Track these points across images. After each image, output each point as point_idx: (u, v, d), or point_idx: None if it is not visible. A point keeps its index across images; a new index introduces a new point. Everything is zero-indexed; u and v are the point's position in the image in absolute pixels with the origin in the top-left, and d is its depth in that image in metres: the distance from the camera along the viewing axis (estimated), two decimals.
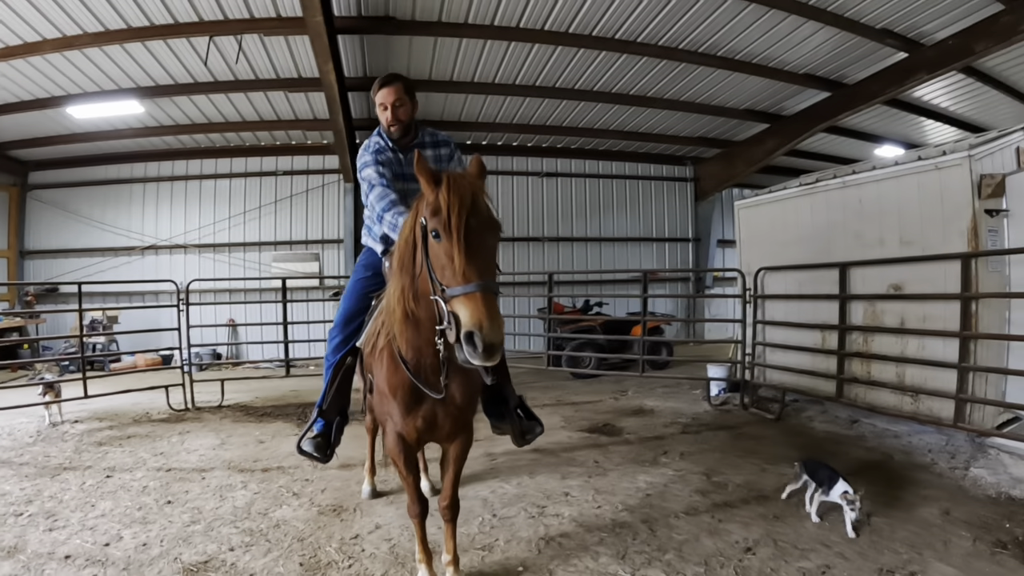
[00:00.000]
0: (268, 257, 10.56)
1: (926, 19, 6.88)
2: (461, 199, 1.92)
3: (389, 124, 2.85)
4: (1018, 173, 4.67)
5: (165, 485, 4.04)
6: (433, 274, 1.95)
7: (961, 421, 4.59)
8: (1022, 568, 2.84)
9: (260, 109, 8.80)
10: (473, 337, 1.79)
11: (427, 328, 2.19)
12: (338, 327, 2.94)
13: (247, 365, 9.64)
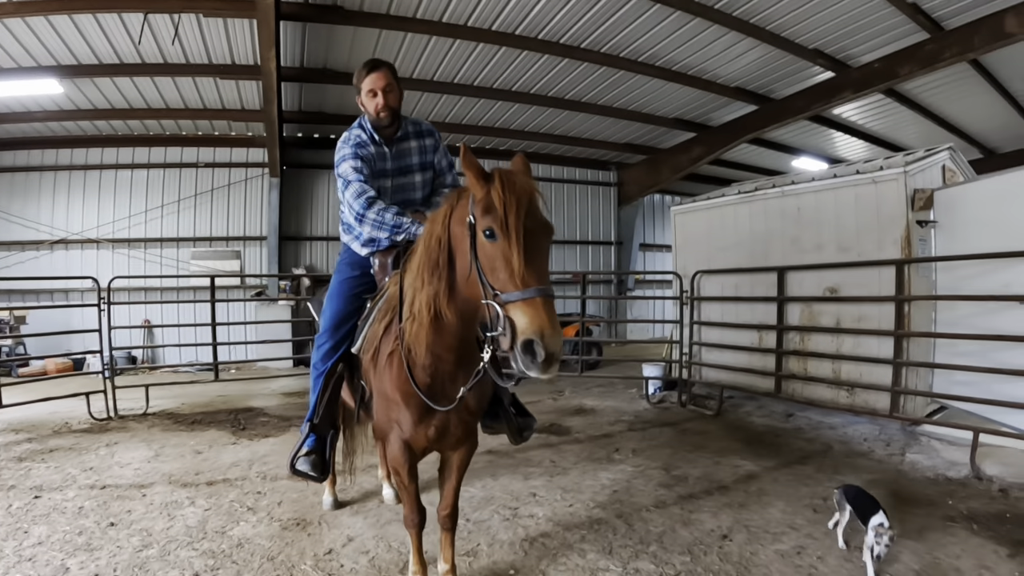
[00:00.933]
0: (187, 254, 9.89)
1: (856, 43, 7.50)
2: (518, 198, 1.84)
3: (379, 110, 2.70)
4: (945, 188, 5.23)
5: (103, 505, 3.67)
6: (484, 277, 1.85)
7: (896, 411, 5.06)
8: (972, 537, 3.18)
9: (187, 96, 8.27)
10: (533, 346, 1.70)
11: (451, 335, 2.13)
12: (327, 332, 2.72)
13: (165, 369, 8.99)
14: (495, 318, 1.79)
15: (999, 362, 4.22)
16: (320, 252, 10.50)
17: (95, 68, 7.24)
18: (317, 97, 8.47)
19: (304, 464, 2.69)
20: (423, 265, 2.11)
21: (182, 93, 8.16)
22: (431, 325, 2.12)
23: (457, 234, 1.99)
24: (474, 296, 1.95)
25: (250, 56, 6.90)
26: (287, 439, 5.20)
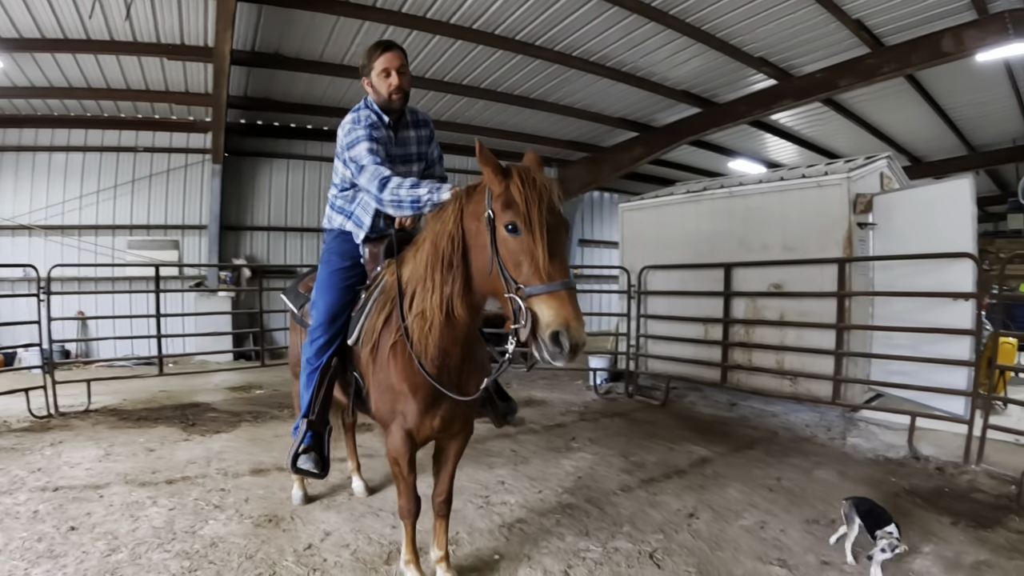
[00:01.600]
0: (123, 243, 9.33)
1: (800, 53, 7.91)
2: (540, 194, 1.91)
3: (392, 91, 2.61)
4: (883, 194, 5.72)
5: (59, 508, 3.46)
6: (506, 271, 1.89)
7: (838, 399, 5.49)
8: (917, 510, 3.56)
9: (130, 76, 7.78)
10: (560, 337, 1.77)
11: (460, 330, 2.19)
12: (322, 326, 2.66)
13: (100, 364, 8.50)
14: (517, 311, 1.84)
15: (932, 353, 4.69)
16: (261, 242, 10.18)
17: (37, 43, 6.68)
18: (264, 83, 8.19)
19: (306, 462, 2.66)
20: (433, 264, 2.13)
21: (125, 73, 7.67)
22: (444, 324, 2.16)
23: (472, 229, 2.04)
24: (491, 291, 2.02)
25: (201, 37, 6.59)
26: (240, 435, 5.10)
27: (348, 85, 8.48)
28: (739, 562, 2.95)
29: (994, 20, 6.32)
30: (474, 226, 2.02)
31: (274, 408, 6.17)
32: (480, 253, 2.01)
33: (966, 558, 2.91)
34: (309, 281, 3.28)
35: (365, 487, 3.79)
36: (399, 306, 2.32)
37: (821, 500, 3.72)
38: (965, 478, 4.05)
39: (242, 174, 9.76)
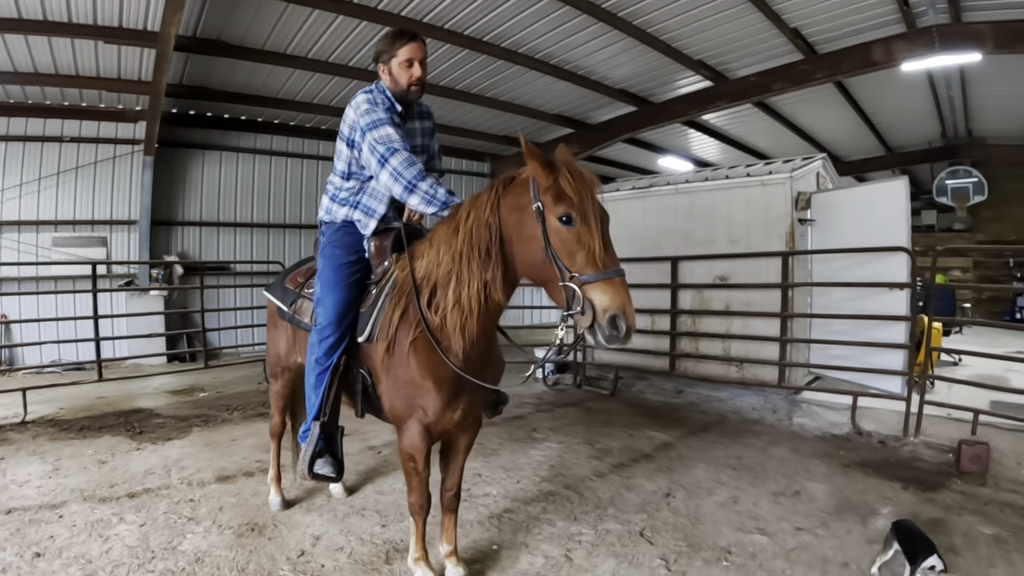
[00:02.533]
0: (47, 240, 8.57)
1: (737, 57, 8.37)
2: (589, 187, 2.03)
3: (412, 83, 2.59)
4: (822, 192, 6.24)
5: (17, 532, 3.20)
6: (559, 260, 1.99)
7: (783, 382, 5.94)
8: (868, 478, 3.98)
9: (60, 60, 7.12)
10: (617, 320, 1.90)
11: (491, 319, 2.29)
12: (332, 325, 2.58)
13: (26, 371, 7.79)
14: (571, 298, 1.95)
15: (869, 338, 5.20)
16: (192, 238, 9.66)
17: None
18: (202, 71, 7.77)
19: (323, 466, 2.61)
20: (468, 255, 2.19)
21: (56, 56, 6.99)
22: (480, 313, 2.23)
23: (512, 221, 2.12)
24: (537, 279, 2.11)
25: (142, 20, 6.16)
26: (194, 441, 4.92)
27: (288, 75, 8.23)
28: (722, 534, 3.20)
29: (922, 34, 6.97)
30: (515, 217, 2.12)
31: (222, 411, 5.96)
32: (525, 243, 2.10)
33: (922, 516, 3.29)
34: (298, 276, 3.23)
35: (344, 488, 3.75)
36: (416, 301, 2.35)
37: (782, 475, 4.07)
38: (907, 449, 4.53)
39: (173, 166, 9.24)
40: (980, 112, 10.90)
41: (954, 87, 9.49)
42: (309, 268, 3.20)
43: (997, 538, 3.07)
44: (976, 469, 3.89)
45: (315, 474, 2.60)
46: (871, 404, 5.26)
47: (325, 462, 2.60)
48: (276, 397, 3.56)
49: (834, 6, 6.71)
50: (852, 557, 2.90)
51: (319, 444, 2.61)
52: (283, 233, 10.61)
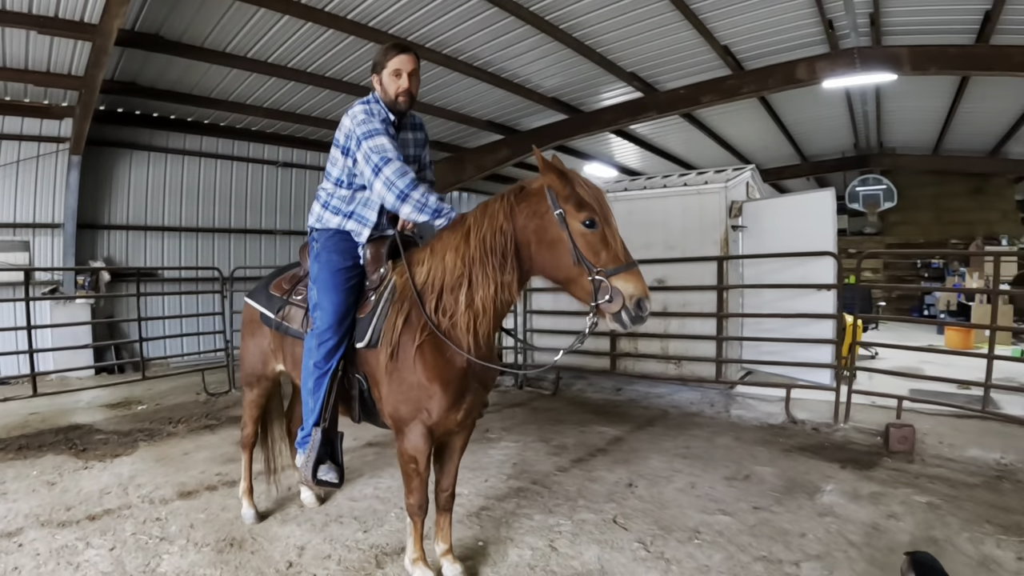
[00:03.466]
0: None
1: (669, 70, 8.85)
2: (599, 193, 2.33)
3: (399, 93, 2.70)
4: (753, 201, 6.82)
5: None
6: (585, 259, 2.25)
7: (720, 378, 6.44)
8: (809, 460, 4.45)
9: None
10: (642, 302, 2.22)
11: (502, 316, 2.49)
12: (331, 328, 2.64)
13: None
14: (600, 289, 2.22)
15: (799, 335, 5.77)
16: (119, 243, 9.07)
17: None
18: (135, 66, 7.34)
19: (327, 472, 2.66)
20: (480, 259, 2.37)
21: None
22: (493, 313, 2.42)
23: (531, 227, 2.36)
24: (559, 277, 2.35)
25: (79, 10, 5.75)
26: (144, 456, 4.75)
27: (225, 74, 7.96)
28: (688, 516, 3.53)
29: (844, 55, 7.68)
30: (534, 223, 2.35)
31: (165, 424, 5.76)
32: (549, 247, 2.34)
33: (862, 491, 3.79)
34: (283, 282, 3.25)
35: (316, 496, 3.76)
36: (421, 306, 2.48)
37: (730, 461, 4.49)
38: (839, 435, 5.08)
39: (99, 166, 8.66)
40: (891, 125, 12.02)
41: (869, 102, 10.45)
42: (293, 275, 3.23)
43: (931, 505, 3.58)
44: (903, 449, 4.46)
45: (319, 480, 2.64)
46: (802, 395, 5.82)
47: (329, 468, 2.65)
48: (251, 407, 3.53)
49: (764, 25, 7.28)
50: (807, 528, 3.32)
51: (321, 450, 2.65)
52: (212, 238, 10.18)
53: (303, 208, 11.46)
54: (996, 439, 4.73)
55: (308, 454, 2.67)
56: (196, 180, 9.88)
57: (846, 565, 2.92)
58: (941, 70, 7.64)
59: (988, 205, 15.00)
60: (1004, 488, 3.82)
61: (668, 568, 2.92)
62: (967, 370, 5.77)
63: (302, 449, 2.73)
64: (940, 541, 3.12)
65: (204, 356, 8.38)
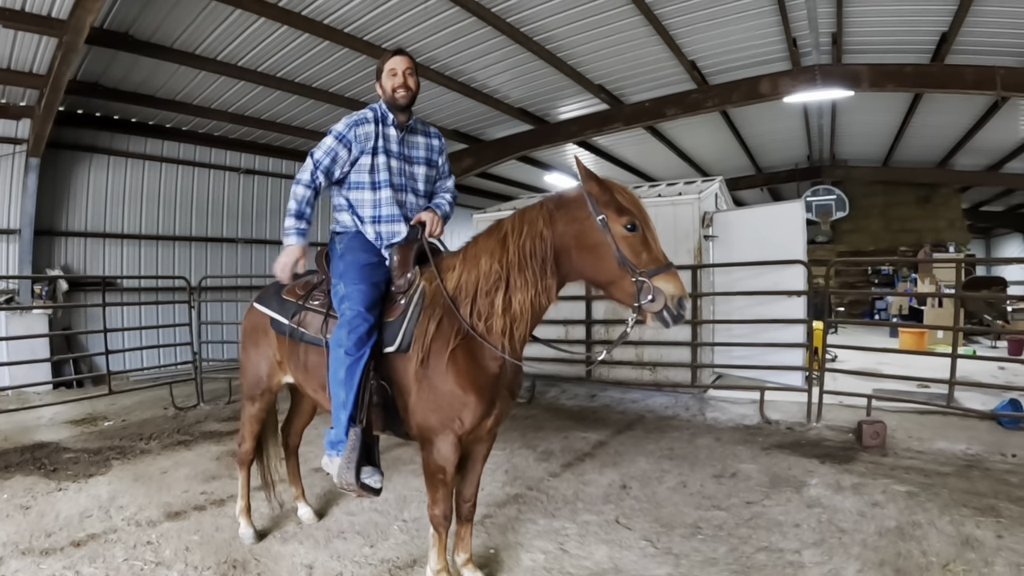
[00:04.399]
0: None
1: (636, 83, 9.15)
2: (636, 198, 2.45)
3: (395, 88, 2.87)
4: (723, 212, 7.16)
5: None
6: (628, 261, 2.34)
7: (695, 382, 6.69)
8: (788, 458, 4.71)
9: None
10: (683, 301, 2.33)
11: (536, 322, 2.56)
12: (361, 315, 2.59)
13: None
14: (641, 289, 2.31)
15: (767, 339, 6.07)
16: (76, 250, 8.67)
17: None
18: (100, 66, 7.08)
19: (371, 476, 2.56)
20: (519, 264, 2.45)
21: None
22: (531, 316, 2.50)
23: (571, 232, 2.45)
24: (601, 280, 2.45)
25: (47, 4, 5.55)
26: (120, 475, 4.55)
27: (193, 77, 7.80)
28: (685, 513, 3.70)
29: (806, 71, 8.15)
30: (574, 229, 2.45)
31: (137, 441, 5.56)
32: (591, 250, 2.42)
33: (844, 483, 4.06)
34: (296, 288, 3.17)
35: (313, 512, 3.71)
36: (456, 312, 2.53)
37: (715, 460, 4.72)
38: (812, 433, 5.38)
39: (57, 170, 8.29)
40: (845, 138, 12.73)
41: (825, 116, 11.08)
42: (307, 282, 3.18)
43: (910, 493, 3.87)
44: (876, 444, 4.79)
45: (363, 485, 2.53)
46: (773, 397, 6.10)
47: (372, 472, 2.56)
48: (251, 421, 3.44)
49: (731, 42, 7.66)
50: (800, 519, 3.55)
51: (361, 452, 2.54)
52: (173, 246, 9.86)
53: (266, 216, 11.28)
54: (959, 432, 5.13)
55: (347, 456, 2.54)
56: (157, 186, 9.57)
57: (842, 549, 3.15)
58: (898, 87, 8.17)
59: (935, 214, 16.02)
60: (974, 476, 4.17)
61: (678, 563, 3.08)
62: (922, 370, 6.17)
63: (335, 451, 2.61)
64: (924, 525, 3.40)
65: (167, 369, 8.10)
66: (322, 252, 3.17)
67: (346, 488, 2.52)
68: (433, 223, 2.89)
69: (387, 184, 2.89)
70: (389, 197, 2.88)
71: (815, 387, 5.67)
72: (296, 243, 2.79)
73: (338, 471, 2.54)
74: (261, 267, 11.17)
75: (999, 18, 6.53)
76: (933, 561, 2.99)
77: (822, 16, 6.93)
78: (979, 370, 6.85)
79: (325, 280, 3.05)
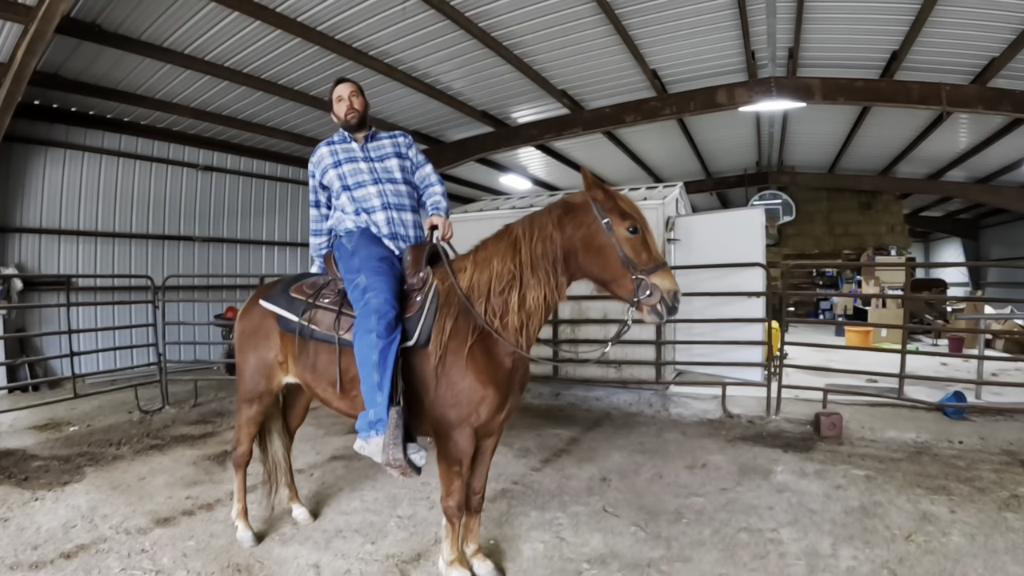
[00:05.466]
0: None
1: (596, 89, 9.38)
2: (634, 203, 2.69)
3: (345, 112, 3.29)
4: (684, 216, 7.55)
5: None
6: (630, 261, 2.57)
7: (659, 379, 7.03)
8: (752, 448, 5.06)
9: None
10: (677, 295, 2.57)
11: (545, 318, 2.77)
12: (388, 302, 2.72)
13: None
14: (640, 286, 2.55)
15: (730, 338, 6.46)
16: (31, 248, 8.28)
17: None
18: (61, 56, 6.77)
19: (417, 453, 2.61)
20: (530, 264, 2.67)
21: None
22: (542, 312, 2.71)
23: (579, 235, 2.67)
24: (605, 278, 2.67)
25: None
26: (97, 483, 4.45)
27: (157, 69, 7.57)
28: (665, 501, 3.99)
29: (762, 83, 8.55)
30: (582, 232, 2.67)
31: (106, 447, 5.42)
32: (597, 251, 2.64)
33: (807, 469, 4.46)
34: (304, 287, 3.25)
35: (309, 513, 3.77)
36: (472, 309, 2.71)
37: (684, 452, 5.04)
38: (772, 426, 5.79)
39: (11, 163, 7.90)
40: (794, 145, 13.33)
41: (776, 124, 11.60)
42: (314, 282, 3.28)
43: (868, 477, 4.29)
44: (833, 434, 5.23)
45: (410, 462, 2.58)
46: (733, 392, 6.51)
47: (417, 448, 2.62)
48: (248, 424, 3.45)
49: (692, 53, 7.99)
50: (772, 502, 3.91)
51: (404, 430, 2.61)
52: (129, 243, 9.54)
53: (224, 215, 11.06)
54: (908, 422, 5.64)
55: (392, 434, 2.58)
56: (114, 181, 9.23)
57: (814, 527, 3.51)
58: (848, 100, 8.63)
59: (877, 219, 17.04)
60: (924, 461, 4.63)
61: (669, 545, 3.35)
62: (869, 365, 6.71)
63: (372, 431, 2.65)
64: (884, 503, 3.81)
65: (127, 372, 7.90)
66: (328, 254, 3.30)
67: (393, 465, 2.57)
68: (444, 227, 3.08)
69: (361, 184, 3.24)
70: (369, 192, 3.22)
71: (774, 382, 6.09)
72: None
73: (383, 449, 2.58)
74: (219, 266, 10.94)
75: (947, 39, 7.04)
76: (896, 534, 3.38)
77: (781, 32, 7.32)
78: (923, 366, 7.41)
79: (333, 280, 3.17)
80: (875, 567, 3.02)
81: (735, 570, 3.06)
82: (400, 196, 3.27)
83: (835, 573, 2.99)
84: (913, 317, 11.81)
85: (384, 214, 3.18)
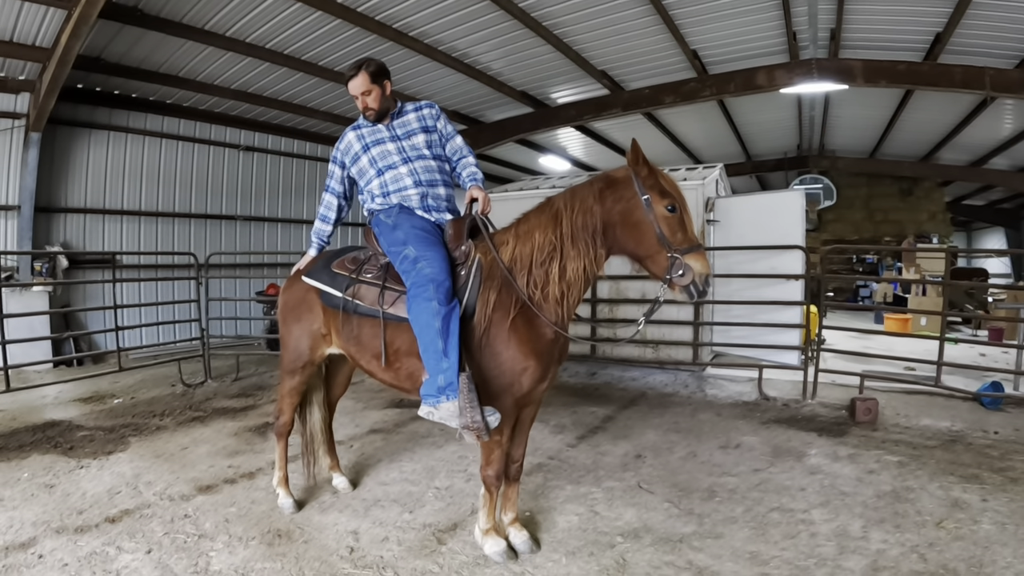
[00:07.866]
0: None
1: (636, 70, 9.35)
2: (675, 183, 2.71)
3: (364, 111, 3.29)
4: (724, 198, 7.44)
5: None
6: (666, 239, 2.61)
7: (696, 360, 7.02)
8: (786, 431, 5.07)
9: None
10: (708, 278, 2.64)
11: (585, 290, 2.83)
12: (444, 271, 2.79)
13: None
14: (674, 264, 2.60)
15: (764, 320, 6.42)
16: (76, 227, 8.64)
17: None
18: (103, 40, 7.00)
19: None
20: (571, 236, 2.71)
21: None
22: (582, 284, 2.77)
23: (617, 209, 2.71)
24: (640, 254, 2.72)
25: None
26: (141, 452, 4.63)
27: (198, 53, 7.79)
28: (699, 479, 4.03)
29: (803, 64, 8.40)
30: (621, 207, 2.71)
31: (150, 418, 5.65)
32: (635, 227, 2.68)
33: (841, 453, 4.44)
34: (346, 262, 3.28)
35: (348, 482, 3.86)
36: (514, 283, 2.77)
37: (718, 433, 5.07)
38: (807, 409, 5.75)
39: (55, 146, 8.23)
40: (835, 129, 13.12)
41: (817, 107, 11.42)
42: (355, 257, 3.31)
43: (901, 463, 4.25)
44: (868, 420, 5.18)
45: (487, 422, 2.60)
46: (769, 375, 6.46)
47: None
48: (291, 394, 3.56)
49: (732, 33, 7.90)
50: (804, 484, 3.91)
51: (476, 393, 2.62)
52: (172, 222, 9.88)
53: (264, 194, 11.35)
54: (943, 411, 5.54)
55: (467, 397, 2.59)
56: (157, 162, 9.56)
57: (846, 509, 3.52)
58: (890, 84, 8.49)
59: (917, 207, 16.61)
60: (958, 449, 4.56)
61: (701, 521, 3.40)
62: (906, 353, 6.58)
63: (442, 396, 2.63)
64: (916, 489, 3.78)
65: (169, 347, 8.23)
66: (368, 230, 3.37)
67: (471, 428, 2.58)
68: (484, 200, 3.13)
69: (391, 166, 3.28)
70: (400, 173, 3.26)
71: (811, 366, 6.04)
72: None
73: (460, 413, 2.59)
74: (260, 244, 11.25)
75: (992, 21, 6.84)
76: (927, 520, 3.36)
77: (823, 12, 7.19)
78: (961, 355, 7.27)
79: (375, 255, 3.25)
80: (905, 550, 3.03)
81: (766, 547, 3.09)
82: (431, 172, 3.31)
83: (865, 555, 3.00)
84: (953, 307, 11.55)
85: (417, 192, 3.24)
